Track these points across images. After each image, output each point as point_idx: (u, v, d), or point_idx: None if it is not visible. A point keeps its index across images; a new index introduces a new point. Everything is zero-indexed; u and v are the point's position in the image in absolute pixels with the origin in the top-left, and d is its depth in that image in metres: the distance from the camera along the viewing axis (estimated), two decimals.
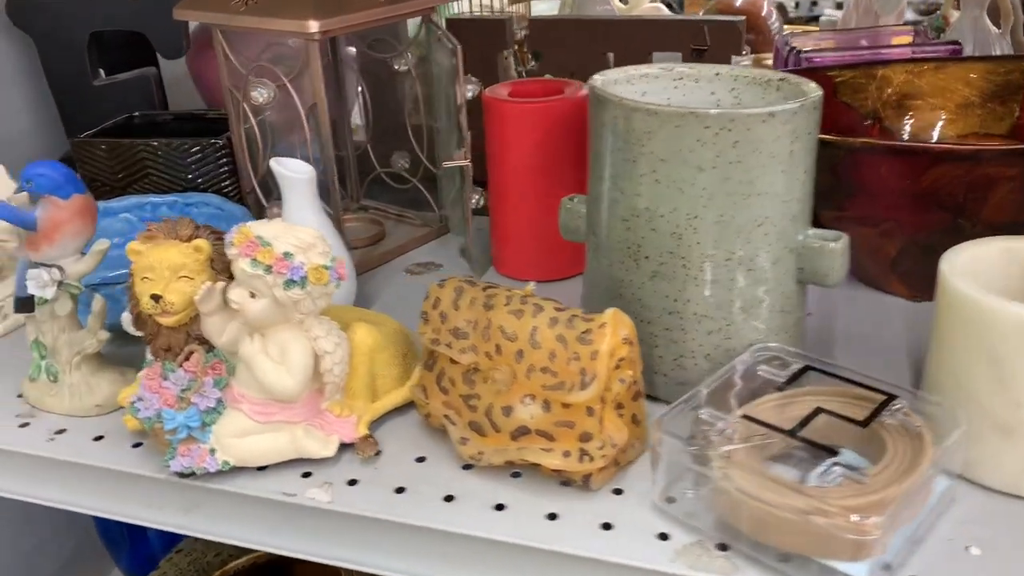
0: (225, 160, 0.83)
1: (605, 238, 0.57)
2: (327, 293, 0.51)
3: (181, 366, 0.54)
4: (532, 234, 0.75)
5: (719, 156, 0.49)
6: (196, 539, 0.93)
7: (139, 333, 0.60)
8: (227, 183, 0.83)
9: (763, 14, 1.21)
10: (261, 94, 0.74)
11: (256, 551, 0.87)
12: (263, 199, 0.82)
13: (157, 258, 0.53)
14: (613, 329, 0.48)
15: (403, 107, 0.89)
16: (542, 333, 0.49)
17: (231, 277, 0.55)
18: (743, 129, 0.48)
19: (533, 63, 1.00)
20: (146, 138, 0.85)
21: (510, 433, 0.51)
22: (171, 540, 1.04)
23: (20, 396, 0.63)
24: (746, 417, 0.47)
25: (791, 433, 0.46)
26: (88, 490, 0.57)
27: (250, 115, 0.79)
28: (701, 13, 1.29)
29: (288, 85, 0.74)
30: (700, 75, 0.59)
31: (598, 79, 0.57)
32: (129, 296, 0.56)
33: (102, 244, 0.58)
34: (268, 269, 0.49)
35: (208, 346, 0.55)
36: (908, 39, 0.89)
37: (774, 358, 0.53)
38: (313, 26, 0.66)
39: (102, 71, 0.97)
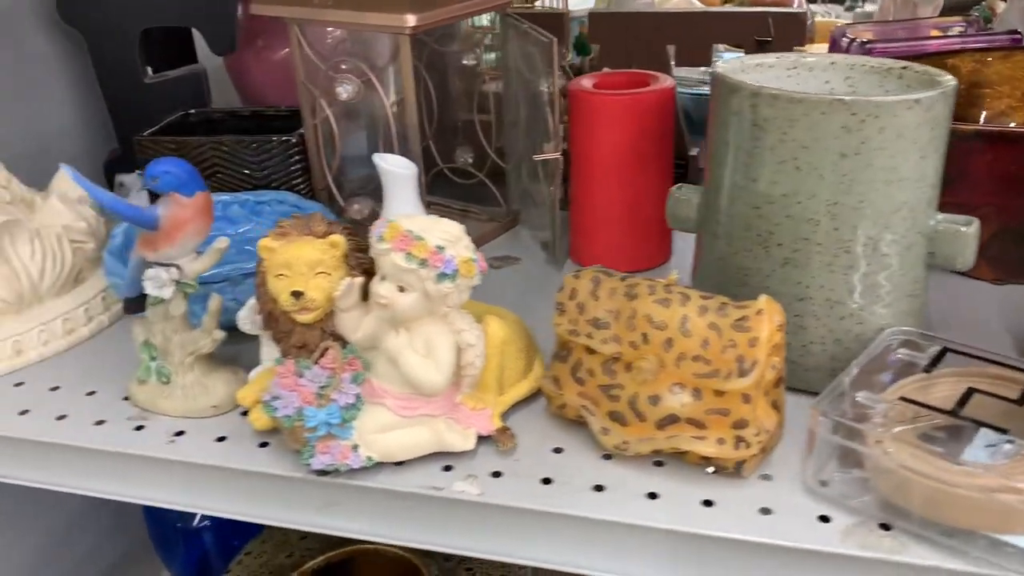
0: (298, 157, 0.82)
1: (730, 226, 0.57)
2: (470, 286, 0.51)
3: (317, 363, 0.53)
4: (617, 225, 0.75)
5: (864, 143, 0.50)
6: (263, 541, 0.92)
7: (256, 331, 0.60)
8: (298, 180, 0.82)
9: (794, 6, 1.23)
10: (347, 89, 0.74)
11: (332, 552, 0.87)
12: (339, 196, 0.81)
13: (294, 255, 0.53)
14: (770, 316, 0.49)
15: (466, 102, 0.89)
16: (692, 321, 0.49)
17: (364, 272, 0.55)
18: (890, 116, 0.49)
19: (578, 57, 1.00)
20: (204, 135, 0.84)
21: (656, 422, 0.51)
22: (225, 543, 1.03)
23: (126, 399, 0.62)
24: (903, 399, 0.48)
25: (953, 413, 0.47)
26: (214, 492, 0.56)
27: (328, 111, 0.78)
28: (727, 6, 1.30)
29: (375, 80, 0.73)
30: (815, 64, 0.60)
31: (722, 68, 0.57)
32: (258, 294, 0.55)
33: (221, 243, 0.57)
34: (423, 263, 0.49)
35: (342, 342, 0.54)
36: (961, 29, 0.91)
37: (908, 341, 0.54)
38: (410, 20, 0.66)
39: (148, 68, 0.95)
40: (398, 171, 0.65)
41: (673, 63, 0.92)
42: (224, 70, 1.06)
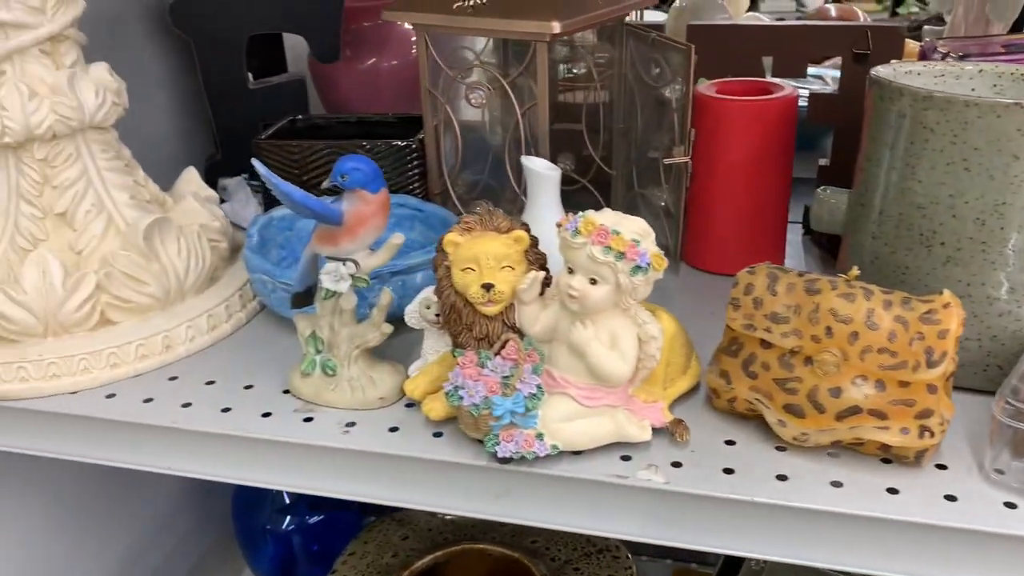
0: (416, 162, 0.83)
1: (888, 226, 0.59)
2: (655, 280, 0.53)
3: (498, 354, 0.55)
4: (736, 228, 0.77)
5: None
6: (365, 542, 0.93)
7: (421, 326, 0.61)
8: (415, 185, 0.84)
9: (859, 19, 1.26)
10: (479, 96, 0.76)
11: (438, 552, 0.88)
12: (457, 201, 0.83)
13: (482, 249, 0.54)
14: (957, 309, 0.50)
15: (566, 109, 0.91)
16: (878, 315, 0.51)
17: (541, 267, 0.56)
18: None
19: None
20: (312, 139, 0.86)
21: (836, 414, 0.52)
22: (308, 548, 1.04)
23: (287, 392, 0.63)
24: None
25: None
26: (390, 481, 0.58)
27: (453, 117, 0.80)
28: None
29: (507, 86, 0.75)
30: (961, 72, 0.62)
31: (883, 72, 0.59)
32: (440, 286, 0.57)
33: (397, 239, 0.59)
34: (620, 256, 0.50)
35: (519, 334, 0.56)
36: None
37: None
38: (556, 27, 0.68)
39: (250, 74, 0.97)
40: (545, 173, 0.67)
41: (769, 74, 0.94)
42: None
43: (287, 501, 1.02)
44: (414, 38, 1.12)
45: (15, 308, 0.63)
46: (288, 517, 1.02)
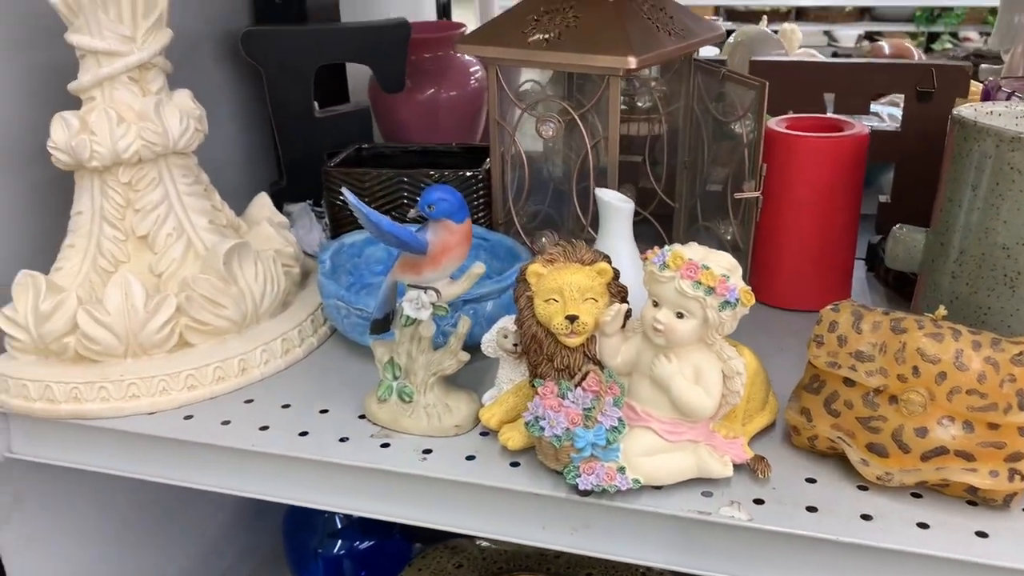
0: (482, 192, 0.84)
1: (970, 266, 0.59)
2: (741, 315, 0.53)
3: (579, 385, 0.55)
4: (804, 263, 0.77)
5: None
6: (419, 569, 0.93)
7: (497, 354, 0.62)
8: (481, 214, 0.85)
9: (915, 58, 1.26)
10: (549, 128, 0.77)
11: None
12: (520, 230, 0.83)
13: (566, 281, 0.55)
14: None
15: (626, 142, 0.91)
16: (967, 355, 0.51)
17: (623, 299, 0.57)
18: None
19: None
20: (377, 167, 0.87)
21: (922, 454, 0.52)
22: (361, 570, 1.04)
23: (362, 417, 0.64)
24: None
25: None
26: (467, 510, 0.58)
27: (521, 149, 0.81)
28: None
29: (578, 119, 0.76)
30: None
31: (966, 112, 0.59)
32: (522, 317, 0.57)
33: (478, 268, 0.59)
34: (710, 291, 0.51)
35: (599, 366, 0.56)
36: None
37: None
38: (632, 62, 0.69)
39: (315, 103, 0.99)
40: (619, 205, 0.67)
41: (830, 110, 0.94)
42: None
43: (339, 525, 1.02)
44: (472, 68, 1.14)
45: (98, 328, 0.64)
46: (339, 541, 1.02)
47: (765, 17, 1.37)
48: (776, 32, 1.45)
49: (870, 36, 4.05)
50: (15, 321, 0.66)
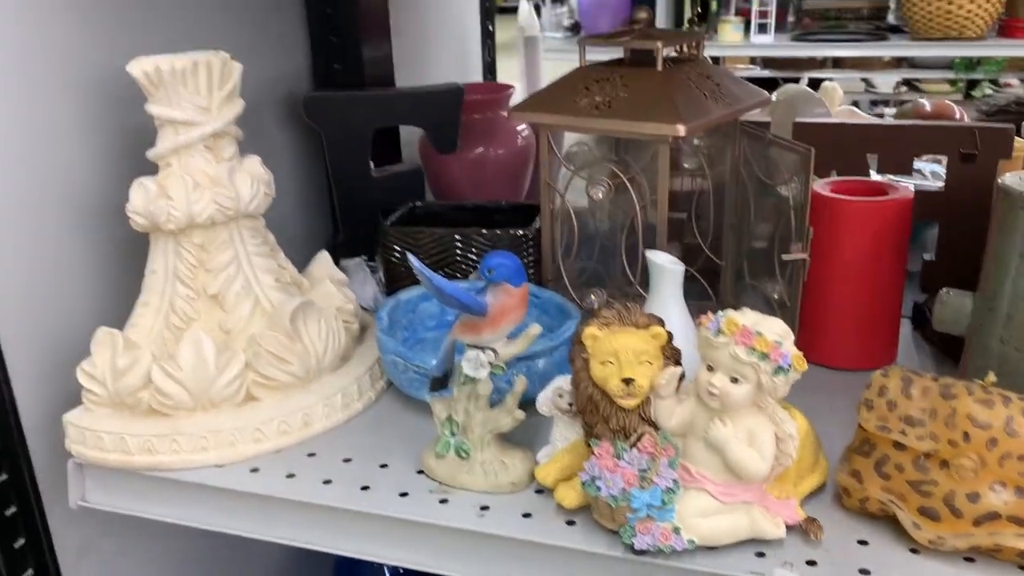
0: (532, 249, 0.87)
1: (1016, 331, 0.60)
2: (794, 380, 0.55)
3: (634, 446, 0.57)
4: (850, 324, 0.79)
5: None
6: None
7: (552, 413, 0.64)
8: (531, 271, 0.87)
9: (956, 117, 1.27)
10: (599, 191, 0.79)
11: None
12: (569, 287, 0.86)
13: (621, 344, 0.57)
14: None
15: (676, 197, 0.94)
16: (1018, 421, 0.52)
17: (677, 362, 0.59)
18: None
19: None
20: (429, 225, 0.90)
21: (974, 519, 0.53)
22: None
23: (421, 472, 0.66)
24: None
25: None
26: (524, 567, 0.59)
27: (570, 209, 0.83)
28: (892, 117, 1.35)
29: (627, 183, 0.78)
30: None
31: (1011, 181, 0.61)
32: (578, 378, 0.59)
33: (534, 329, 0.62)
34: (764, 356, 0.52)
35: (654, 427, 0.58)
36: None
37: None
38: (681, 130, 0.72)
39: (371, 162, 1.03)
40: (671, 267, 0.69)
41: (874, 171, 0.96)
42: None
43: None
44: (519, 127, 1.18)
45: (171, 384, 0.68)
46: None
47: (806, 76, 1.39)
48: (817, 89, 1.48)
49: (908, 83, 4.06)
50: (93, 376, 0.69)
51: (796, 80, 3.46)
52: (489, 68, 1.56)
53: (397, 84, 1.15)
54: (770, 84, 3.42)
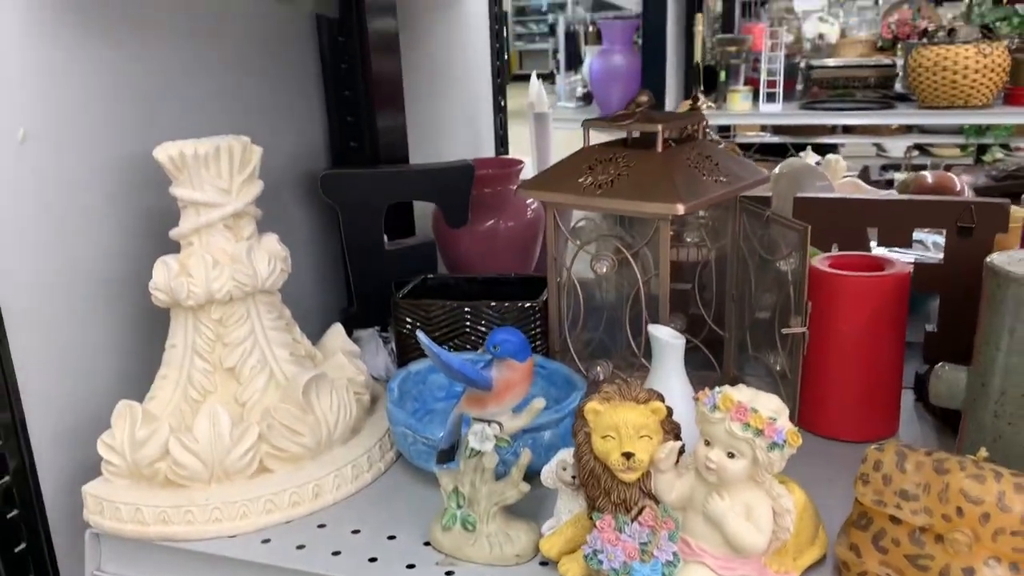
0: (539, 322, 0.89)
1: (1010, 406, 0.61)
2: (789, 455, 0.56)
3: (635, 520, 0.58)
4: (850, 397, 0.80)
5: None
6: None
7: (557, 486, 0.65)
8: (538, 343, 0.90)
9: (956, 190, 1.30)
10: (603, 265, 0.82)
11: None
12: (576, 358, 0.88)
13: (622, 418, 0.59)
14: None
15: (680, 267, 0.96)
16: (1010, 497, 0.53)
17: (676, 436, 0.60)
18: None
19: None
20: (441, 298, 0.93)
21: None
22: None
23: (427, 544, 0.67)
24: None
25: None
26: None
27: (576, 283, 0.86)
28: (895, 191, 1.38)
29: (630, 258, 0.81)
30: None
31: (998, 260, 0.63)
32: (580, 451, 0.61)
33: (538, 403, 0.64)
34: (759, 432, 0.54)
35: (654, 501, 0.59)
36: None
37: None
38: (680, 209, 0.74)
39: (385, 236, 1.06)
40: (672, 342, 0.71)
41: (874, 244, 0.99)
42: None
43: None
44: (529, 200, 1.21)
45: (187, 455, 0.70)
46: None
47: (809, 148, 1.43)
48: (826, 154, 1.51)
49: (920, 147, 4.10)
50: (113, 447, 0.71)
51: (806, 146, 3.52)
52: (501, 140, 1.61)
53: (412, 158, 1.20)
54: (780, 150, 3.49)
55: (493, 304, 0.90)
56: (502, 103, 1.58)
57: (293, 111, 1.04)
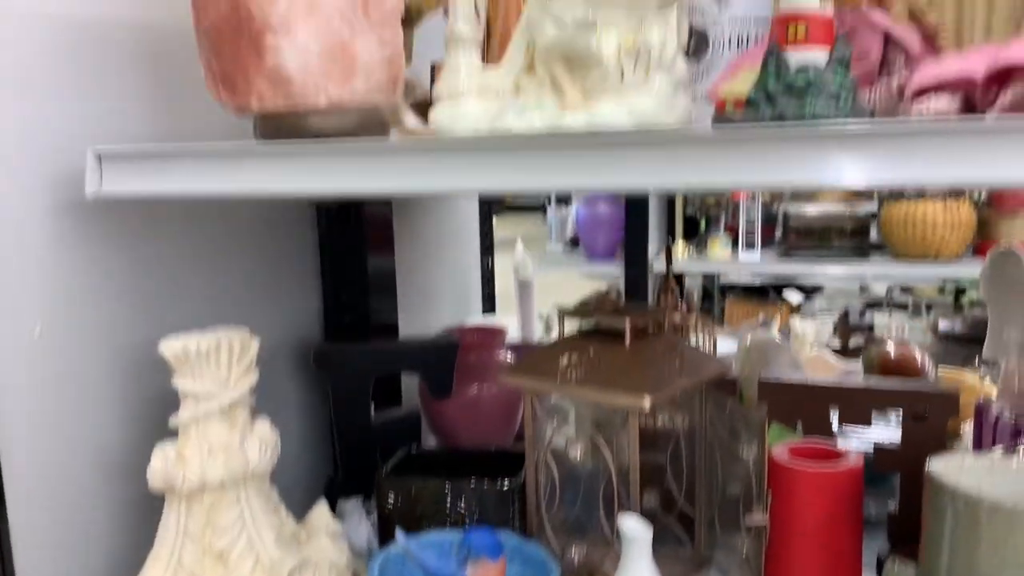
0: (517, 500, 0.93)
1: None
2: None
3: None
4: None
5: None
6: None
7: None
8: (516, 521, 0.93)
9: (918, 365, 1.37)
10: (577, 451, 0.87)
11: None
12: (552, 538, 0.91)
13: None
14: None
15: (659, 438, 1.01)
16: None
17: None
18: None
19: None
20: (424, 470, 0.97)
21: None
22: None
23: None
24: None
25: None
26: None
27: (553, 466, 0.91)
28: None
29: (604, 447, 0.86)
30: (1017, 465, 0.71)
31: (936, 468, 0.68)
32: None
33: None
34: None
35: None
36: None
37: None
38: (647, 403, 0.80)
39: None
40: (638, 535, 0.75)
41: (835, 423, 1.04)
42: None
43: None
44: (512, 365, 1.27)
45: None
46: None
47: (776, 322, 1.50)
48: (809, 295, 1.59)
49: (901, 287, 4.23)
50: None
51: (787, 285, 3.64)
52: (489, 301, 1.69)
53: (402, 322, 1.26)
54: (762, 292, 3.60)
55: (473, 485, 0.94)
56: (489, 266, 1.66)
57: (291, 289, 1.11)
